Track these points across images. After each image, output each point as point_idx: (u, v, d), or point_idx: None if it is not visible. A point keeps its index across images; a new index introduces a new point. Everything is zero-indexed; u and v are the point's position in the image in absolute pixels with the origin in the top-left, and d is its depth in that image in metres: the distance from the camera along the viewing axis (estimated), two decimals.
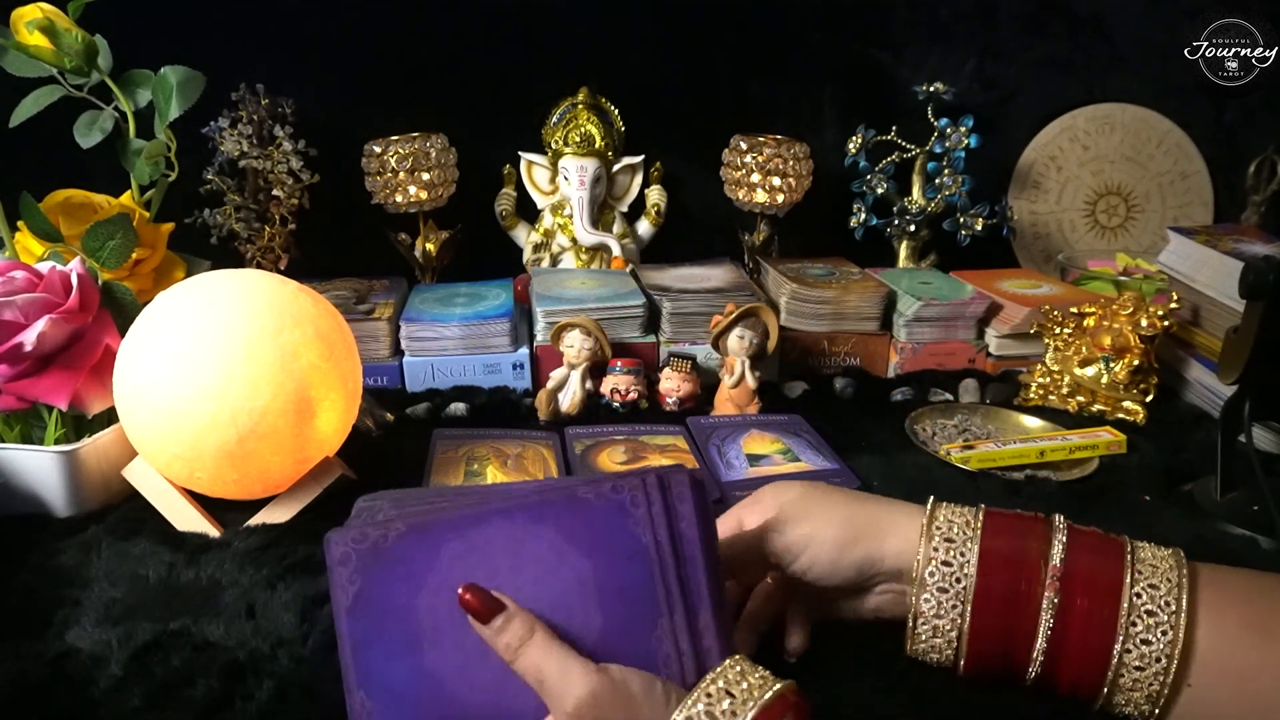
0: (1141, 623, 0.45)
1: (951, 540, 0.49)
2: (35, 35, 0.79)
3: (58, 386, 0.68)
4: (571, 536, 0.44)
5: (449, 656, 0.43)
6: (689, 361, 0.92)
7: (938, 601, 0.49)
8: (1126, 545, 0.48)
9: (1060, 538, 0.48)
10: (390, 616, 0.44)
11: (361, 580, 0.44)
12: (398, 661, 0.43)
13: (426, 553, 0.44)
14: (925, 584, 0.49)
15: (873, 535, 0.51)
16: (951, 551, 0.49)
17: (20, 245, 0.80)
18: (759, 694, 0.40)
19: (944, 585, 0.49)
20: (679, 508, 0.45)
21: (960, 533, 0.49)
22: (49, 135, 0.82)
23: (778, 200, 1.15)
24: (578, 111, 1.15)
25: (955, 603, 0.48)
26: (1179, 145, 1.28)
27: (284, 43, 1.12)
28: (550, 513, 0.45)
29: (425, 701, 0.43)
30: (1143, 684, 0.45)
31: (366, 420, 0.83)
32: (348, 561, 0.44)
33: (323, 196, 1.08)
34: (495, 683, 0.43)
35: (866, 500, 0.53)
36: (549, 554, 0.44)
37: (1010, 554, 0.48)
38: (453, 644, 0.43)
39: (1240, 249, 0.91)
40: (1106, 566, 0.47)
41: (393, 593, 0.44)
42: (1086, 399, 0.91)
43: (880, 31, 1.23)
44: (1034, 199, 1.29)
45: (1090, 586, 0.46)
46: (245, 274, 0.69)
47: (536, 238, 1.18)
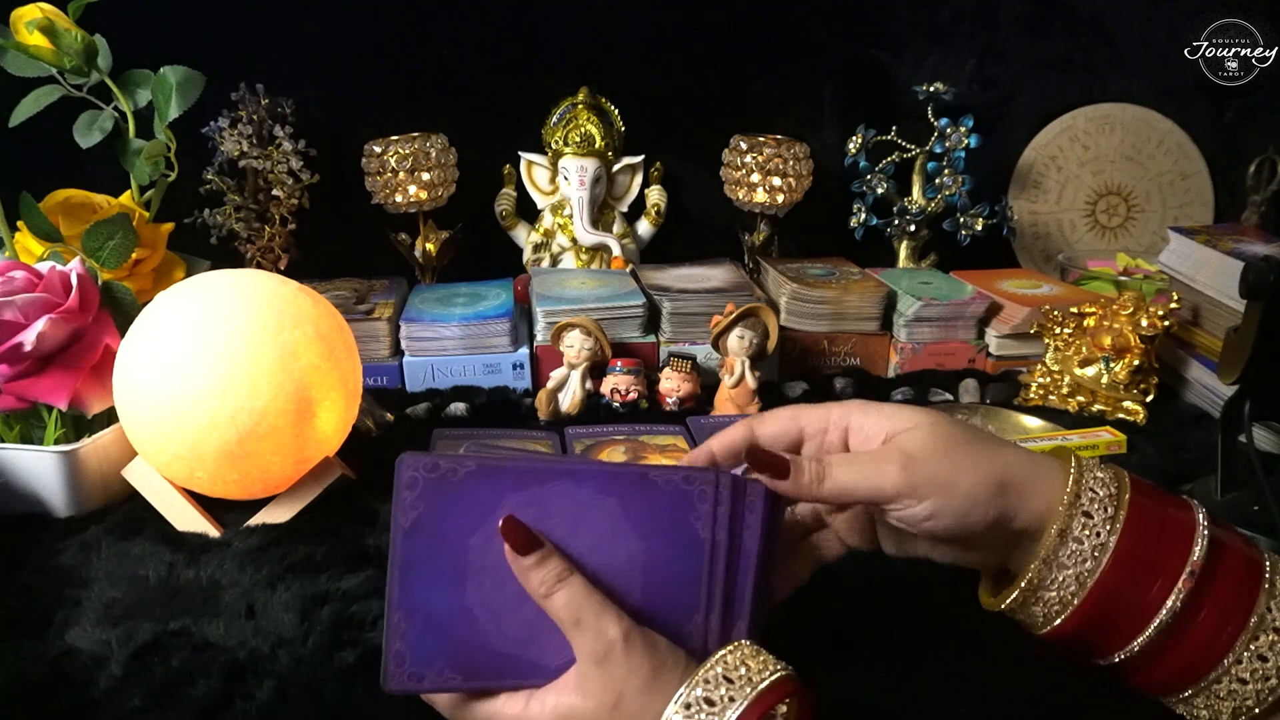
0: (1265, 637, 0.41)
1: (1090, 515, 0.44)
2: (35, 35, 0.79)
3: (58, 386, 0.68)
4: (632, 515, 0.45)
5: (488, 597, 0.45)
6: (689, 361, 0.92)
7: (1071, 552, 0.43)
8: (1262, 548, 0.44)
9: (1203, 520, 0.44)
10: (442, 547, 0.45)
11: (424, 506, 0.45)
12: (440, 590, 0.45)
13: (490, 495, 0.45)
14: (1065, 534, 0.44)
15: (1015, 492, 0.44)
16: (1088, 528, 0.44)
17: (20, 245, 0.80)
18: (758, 679, 0.40)
19: (1065, 563, 0.44)
20: (747, 517, 0.45)
21: (1100, 510, 0.44)
22: (49, 135, 0.82)
23: (778, 200, 1.15)
24: (578, 111, 1.15)
25: (1087, 559, 0.43)
26: (1179, 145, 1.28)
27: (284, 43, 1.12)
28: (617, 487, 0.45)
29: (456, 633, 0.45)
30: (1240, 696, 0.42)
31: (366, 420, 0.83)
32: (414, 486, 0.45)
33: (323, 196, 1.09)
34: (525, 634, 0.45)
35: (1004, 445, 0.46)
36: (606, 526, 0.45)
37: (1144, 555, 0.43)
38: (494, 586, 0.45)
39: (1240, 249, 0.91)
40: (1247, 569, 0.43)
41: (450, 526, 0.45)
42: (1086, 399, 0.91)
43: (880, 31, 1.23)
44: (1034, 199, 1.29)
45: (1229, 582, 0.42)
46: (245, 274, 0.69)
47: (536, 238, 1.18)
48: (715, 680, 0.40)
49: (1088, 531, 0.43)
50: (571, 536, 0.45)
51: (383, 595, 0.58)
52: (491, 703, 0.44)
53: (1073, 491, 0.44)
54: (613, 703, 0.41)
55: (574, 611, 0.42)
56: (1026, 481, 0.45)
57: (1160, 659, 0.43)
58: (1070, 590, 0.44)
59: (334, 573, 0.61)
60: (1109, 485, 0.45)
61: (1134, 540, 0.43)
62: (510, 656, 0.45)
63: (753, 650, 0.42)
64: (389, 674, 0.44)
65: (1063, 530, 0.44)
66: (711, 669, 0.41)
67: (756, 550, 0.45)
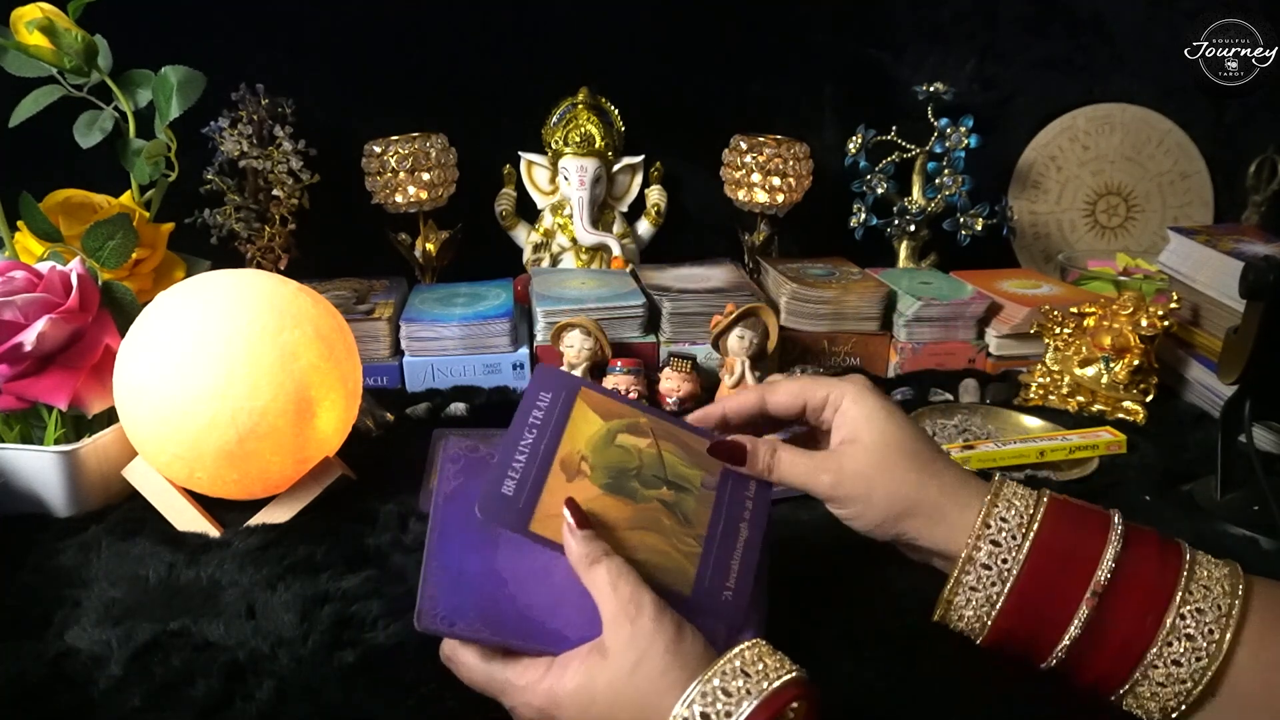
0: (1178, 644, 0.44)
1: (1005, 522, 0.49)
2: (35, 35, 0.79)
3: (58, 386, 0.68)
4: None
5: (518, 564, 0.49)
6: (689, 361, 0.92)
7: (977, 577, 0.48)
8: (1184, 561, 0.47)
9: (1115, 542, 0.47)
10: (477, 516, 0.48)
11: (465, 479, 0.50)
12: (473, 554, 0.49)
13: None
14: (972, 560, 0.48)
15: (923, 519, 0.50)
16: (1004, 533, 0.48)
17: (20, 245, 0.80)
18: (774, 676, 0.41)
19: (988, 564, 0.48)
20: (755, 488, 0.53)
21: (1009, 538, 0.48)
22: (49, 135, 0.82)
23: (778, 200, 1.15)
24: (578, 111, 1.15)
25: (995, 582, 0.48)
26: (1179, 145, 1.28)
27: (284, 43, 1.12)
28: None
29: (484, 594, 0.48)
30: (1161, 698, 0.45)
31: (366, 420, 0.83)
32: (458, 460, 0.51)
33: (323, 196, 1.08)
34: (549, 603, 0.48)
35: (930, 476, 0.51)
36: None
37: (1061, 550, 0.48)
38: (522, 558, 0.49)
39: (1240, 249, 0.91)
40: (1156, 582, 0.46)
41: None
42: (1086, 399, 0.91)
43: (880, 31, 1.23)
44: (1034, 199, 1.29)
45: (1132, 599, 0.46)
46: (245, 274, 0.69)
47: (536, 238, 1.18)
48: (733, 672, 0.41)
49: (995, 559, 0.48)
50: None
51: (383, 595, 0.58)
52: (514, 665, 0.46)
53: (982, 522, 0.49)
54: (633, 663, 0.42)
55: (614, 578, 0.45)
56: (935, 511, 0.50)
57: (1086, 662, 0.47)
58: (984, 610, 0.49)
59: (334, 573, 0.61)
60: (1021, 513, 0.49)
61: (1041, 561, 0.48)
62: (535, 622, 0.47)
63: (769, 649, 0.43)
64: (423, 613, 0.46)
65: (969, 558, 0.49)
66: (730, 661, 0.42)
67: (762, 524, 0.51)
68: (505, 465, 0.49)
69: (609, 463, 0.51)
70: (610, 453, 0.51)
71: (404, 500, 0.71)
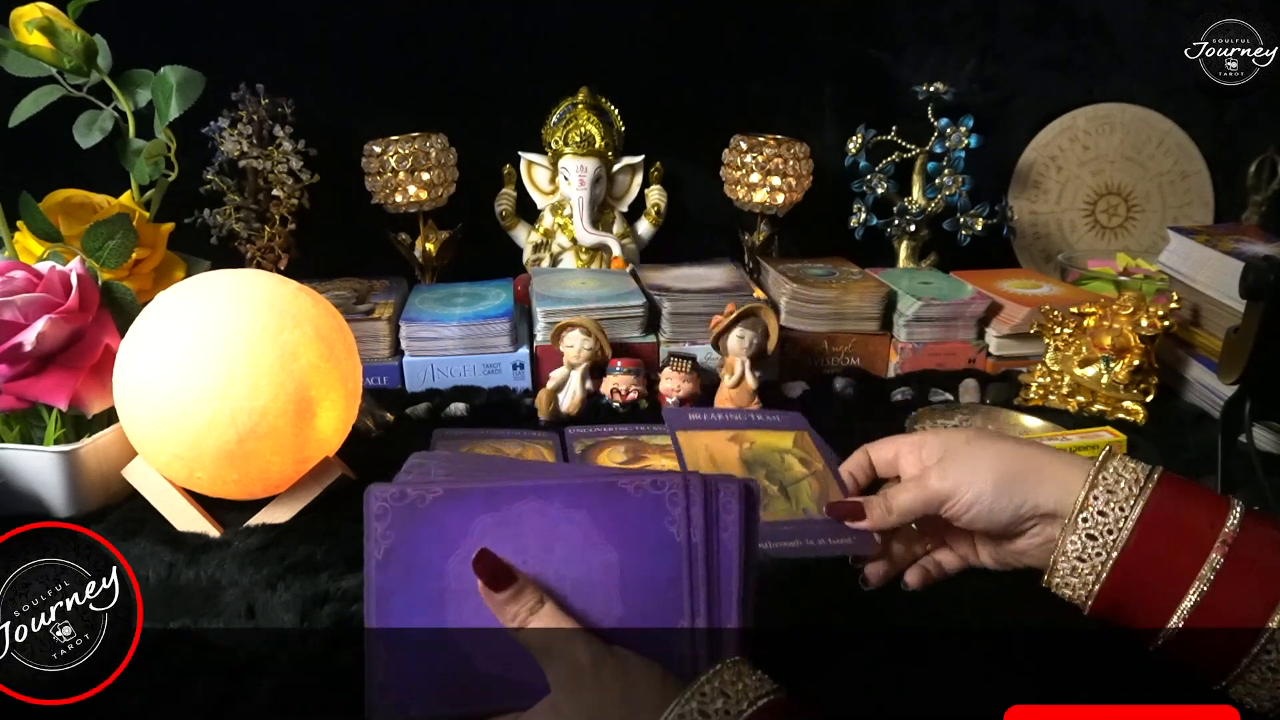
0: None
1: (1113, 492, 0.48)
2: (35, 35, 0.79)
3: (57, 386, 0.68)
4: (603, 524, 0.45)
5: (469, 620, 0.45)
6: (689, 361, 0.92)
7: (1083, 545, 0.48)
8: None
9: (1232, 521, 0.46)
10: (418, 572, 0.45)
11: (395, 536, 0.45)
12: (419, 615, 0.45)
13: (460, 519, 0.45)
14: (1076, 526, 0.48)
15: (1033, 478, 0.50)
16: (1111, 503, 0.47)
17: (20, 245, 0.80)
18: (754, 695, 0.40)
19: (1093, 533, 0.47)
20: (723, 517, 0.46)
21: (1126, 487, 0.48)
22: (49, 135, 0.82)
23: (778, 200, 1.15)
24: (578, 111, 1.15)
25: (1100, 551, 0.47)
26: (1179, 145, 1.28)
27: (284, 43, 1.12)
28: (586, 498, 0.46)
29: (439, 659, 0.44)
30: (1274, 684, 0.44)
31: (366, 420, 0.83)
32: (384, 516, 0.46)
33: (323, 196, 1.08)
34: (508, 655, 0.44)
35: (1031, 445, 0.52)
36: (579, 539, 0.45)
37: (1174, 522, 0.46)
38: (475, 610, 0.44)
39: (1240, 249, 0.91)
40: (1274, 565, 0.44)
41: (424, 552, 0.45)
42: (1086, 399, 0.91)
43: (880, 31, 1.23)
44: (1034, 199, 1.29)
45: (1247, 582, 0.44)
46: (245, 274, 0.69)
47: (536, 238, 1.18)
48: (712, 694, 0.40)
49: (1113, 505, 0.47)
50: (546, 553, 0.45)
51: None
52: None
53: (1097, 469, 0.48)
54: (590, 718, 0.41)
55: (544, 639, 0.42)
56: (1044, 469, 0.50)
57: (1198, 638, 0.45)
58: (1090, 580, 0.48)
59: (334, 573, 0.61)
60: (1135, 471, 0.48)
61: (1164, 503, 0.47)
62: (495, 678, 0.44)
63: (748, 668, 0.42)
64: (374, 707, 0.44)
65: (1087, 502, 0.48)
66: (709, 682, 0.41)
67: (737, 548, 0.45)
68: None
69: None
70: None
71: None
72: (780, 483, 0.59)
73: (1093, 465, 0.49)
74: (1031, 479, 0.50)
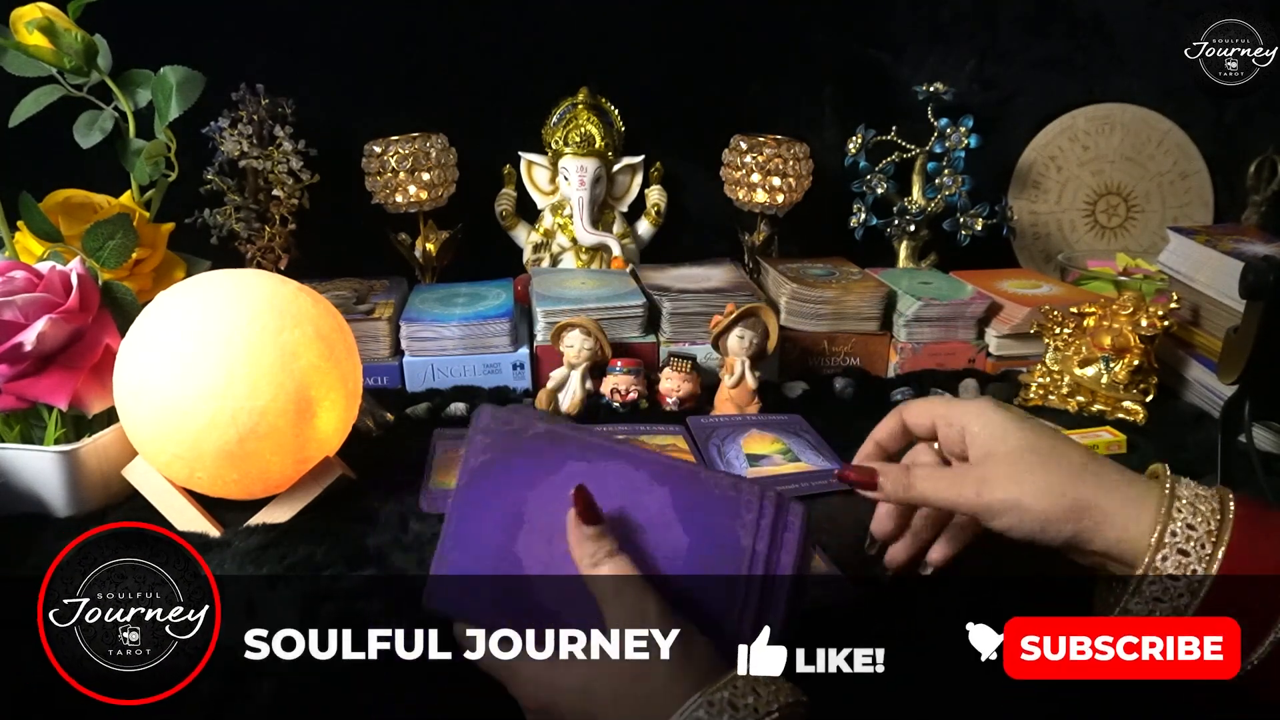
0: None
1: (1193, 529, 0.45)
2: (35, 35, 0.79)
3: (58, 386, 0.68)
4: (680, 508, 0.47)
5: (537, 551, 0.47)
6: (689, 361, 0.92)
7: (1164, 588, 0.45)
8: None
9: None
10: (504, 491, 0.47)
11: (493, 453, 0.48)
12: (493, 531, 0.47)
13: (554, 459, 0.48)
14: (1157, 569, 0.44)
15: (1088, 520, 0.46)
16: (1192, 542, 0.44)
17: (20, 245, 0.80)
18: (784, 700, 0.41)
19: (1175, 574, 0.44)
20: (785, 536, 0.47)
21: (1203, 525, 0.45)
22: (49, 135, 0.82)
23: (778, 200, 1.14)
24: (578, 111, 1.15)
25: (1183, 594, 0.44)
26: (1179, 145, 1.28)
27: (284, 43, 1.12)
28: (673, 479, 0.47)
29: (500, 575, 0.47)
30: None
31: (366, 420, 0.83)
32: (489, 432, 0.49)
33: (323, 196, 1.08)
34: (565, 595, 0.46)
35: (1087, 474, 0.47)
36: (656, 513, 0.47)
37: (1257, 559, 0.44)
38: (544, 543, 0.47)
39: (1240, 249, 0.91)
40: None
41: (513, 476, 0.48)
42: (1086, 399, 0.91)
43: (880, 31, 1.23)
44: (1034, 199, 1.29)
45: None
46: (245, 274, 0.69)
47: (536, 238, 1.18)
48: (744, 689, 0.41)
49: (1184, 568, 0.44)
50: (622, 515, 0.47)
51: (384, 595, 0.58)
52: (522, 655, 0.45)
53: (1162, 526, 0.45)
54: (635, 674, 0.42)
55: (617, 585, 0.44)
56: (1098, 511, 0.46)
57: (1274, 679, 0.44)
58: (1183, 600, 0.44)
59: (334, 573, 0.61)
60: (1208, 518, 0.45)
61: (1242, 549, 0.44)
62: (548, 613, 0.46)
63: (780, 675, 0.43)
64: (433, 593, 0.46)
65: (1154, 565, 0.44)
66: (743, 678, 0.41)
67: (792, 568, 0.46)
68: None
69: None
70: None
71: (404, 500, 0.71)
72: None
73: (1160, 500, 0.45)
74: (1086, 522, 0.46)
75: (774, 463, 0.80)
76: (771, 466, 0.79)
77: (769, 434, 0.85)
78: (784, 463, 0.80)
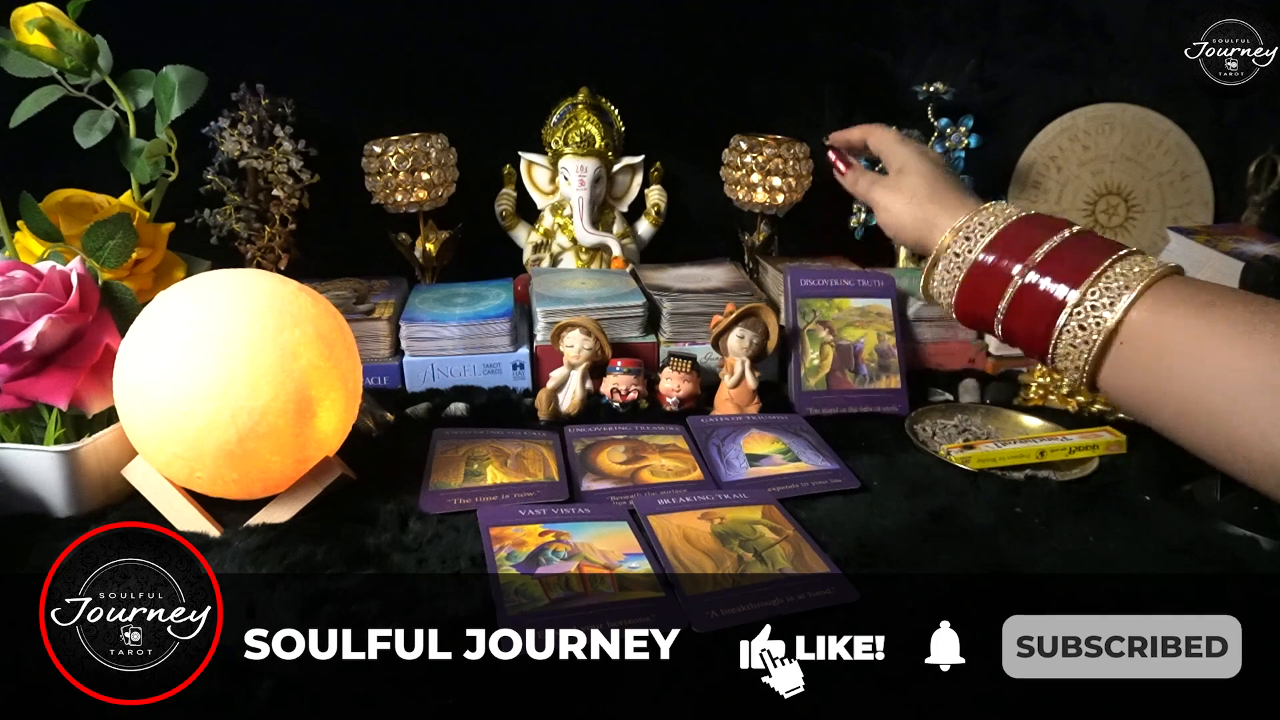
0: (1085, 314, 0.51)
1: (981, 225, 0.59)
2: (35, 35, 0.79)
3: (58, 386, 0.68)
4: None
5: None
6: (689, 361, 0.92)
7: (948, 262, 0.60)
8: (1118, 254, 0.53)
9: (1063, 234, 0.55)
10: None
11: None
12: None
13: None
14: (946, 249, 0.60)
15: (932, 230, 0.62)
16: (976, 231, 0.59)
17: (20, 245, 0.80)
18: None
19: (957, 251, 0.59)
20: None
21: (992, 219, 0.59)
22: (49, 135, 0.82)
23: (778, 200, 1.15)
24: (578, 111, 1.15)
25: (956, 268, 0.59)
26: (1179, 145, 1.28)
27: (284, 43, 1.12)
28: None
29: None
30: (1072, 357, 0.53)
31: (366, 420, 0.83)
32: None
33: (323, 196, 1.08)
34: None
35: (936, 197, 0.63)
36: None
37: (1014, 240, 0.56)
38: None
39: (1240, 249, 0.91)
40: (1079, 263, 0.53)
41: None
42: (1086, 399, 0.91)
43: (880, 31, 1.23)
44: (1034, 199, 1.29)
45: (1058, 274, 0.53)
46: (245, 274, 0.69)
47: (536, 238, 1.18)
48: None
49: (963, 249, 0.59)
50: None
51: (384, 595, 0.58)
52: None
53: (964, 222, 0.60)
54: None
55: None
56: (939, 224, 0.62)
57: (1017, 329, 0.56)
58: (949, 289, 0.60)
59: (334, 573, 0.61)
60: (996, 218, 0.59)
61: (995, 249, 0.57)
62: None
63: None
64: None
65: (945, 246, 0.60)
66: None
67: None
68: None
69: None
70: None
71: (404, 500, 0.71)
72: (755, 550, 0.63)
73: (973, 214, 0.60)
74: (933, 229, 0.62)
75: (774, 463, 0.80)
76: (771, 466, 0.79)
77: (769, 434, 0.85)
78: (784, 463, 0.80)
